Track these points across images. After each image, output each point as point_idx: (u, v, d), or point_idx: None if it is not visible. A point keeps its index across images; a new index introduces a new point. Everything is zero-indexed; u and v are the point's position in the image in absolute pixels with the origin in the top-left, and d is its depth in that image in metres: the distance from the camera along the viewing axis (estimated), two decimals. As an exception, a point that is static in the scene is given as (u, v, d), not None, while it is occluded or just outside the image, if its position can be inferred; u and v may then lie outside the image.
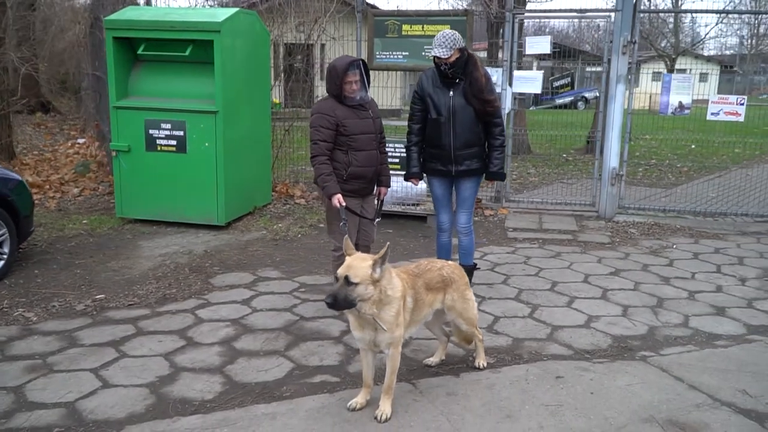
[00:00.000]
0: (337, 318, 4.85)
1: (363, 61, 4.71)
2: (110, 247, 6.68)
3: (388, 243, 3.28)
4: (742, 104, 7.74)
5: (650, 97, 11.76)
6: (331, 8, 8.74)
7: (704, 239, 7.43)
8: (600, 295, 5.47)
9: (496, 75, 8.24)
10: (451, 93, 4.84)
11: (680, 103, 7.89)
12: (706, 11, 12.07)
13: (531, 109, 15.09)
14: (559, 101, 19.37)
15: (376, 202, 5.05)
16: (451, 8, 9.99)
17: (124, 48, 7.26)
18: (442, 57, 4.76)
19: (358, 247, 4.93)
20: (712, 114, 7.84)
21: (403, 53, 8.36)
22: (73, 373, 3.90)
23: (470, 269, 5.21)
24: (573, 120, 16.42)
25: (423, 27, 8.30)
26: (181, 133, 7.12)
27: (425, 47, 8.29)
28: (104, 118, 9.76)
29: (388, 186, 5.08)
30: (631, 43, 7.78)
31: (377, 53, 8.51)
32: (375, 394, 3.56)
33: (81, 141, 12.76)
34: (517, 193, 9.17)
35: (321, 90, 9.50)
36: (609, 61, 8.00)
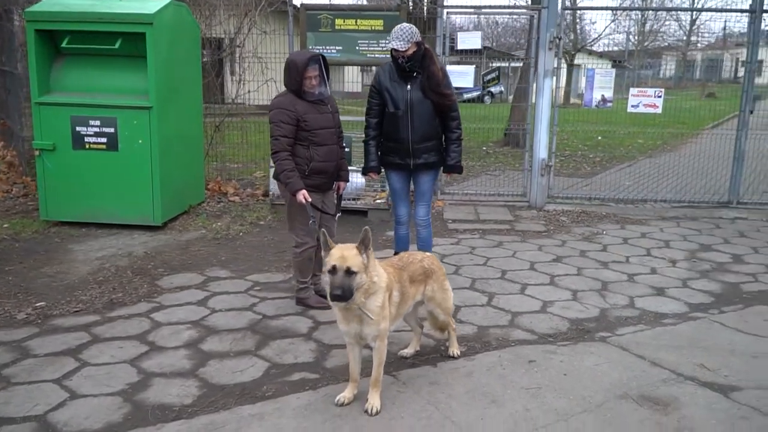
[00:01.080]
0: (303, 315, 4.81)
1: (322, 56, 4.67)
2: (39, 251, 6.29)
3: (366, 227, 3.27)
4: (660, 97, 8.23)
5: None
6: (262, 1, 8.56)
7: (629, 225, 7.85)
8: (549, 282, 5.68)
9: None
10: (409, 87, 4.88)
11: (603, 96, 8.30)
12: (630, 8, 12.71)
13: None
14: (467, 96, 19.83)
15: (335, 196, 5.03)
16: (384, 3, 9.98)
17: (44, 41, 6.83)
18: (400, 50, 4.79)
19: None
20: (633, 106, 8.30)
21: (337, 48, 8.31)
22: (35, 384, 3.67)
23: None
24: (486, 114, 16.90)
25: (356, 21, 8.30)
26: (112, 130, 6.79)
27: (359, 42, 8.30)
28: (15, 115, 9.16)
29: (347, 181, 5.08)
30: (557, 39, 8.10)
31: (310, 48, 8.42)
32: (361, 388, 3.56)
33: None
34: (449, 186, 9.34)
35: (230, 86, 9.31)
36: (536, 56, 8.29)
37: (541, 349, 4.26)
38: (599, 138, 15.70)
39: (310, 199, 4.49)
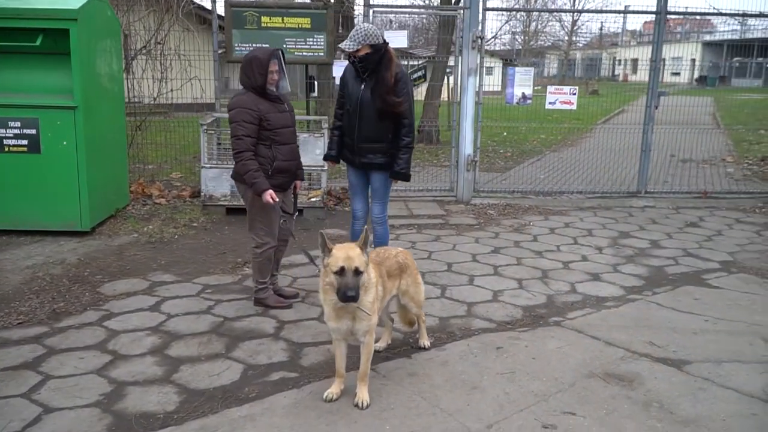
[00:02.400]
0: (264, 315, 4.78)
1: (281, 50, 4.66)
2: (-42, 262, 5.87)
3: (366, 227, 3.33)
4: (574, 94, 8.72)
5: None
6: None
7: (552, 216, 8.28)
8: (493, 272, 5.92)
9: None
10: (363, 87, 4.92)
11: (523, 93, 8.69)
12: (542, 10, 13.21)
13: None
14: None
15: (291, 195, 5.02)
16: (311, 1, 9.93)
17: (-49, 37, 6.35)
18: (347, 50, 4.82)
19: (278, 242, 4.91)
20: (550, 103, 8.75)
21: (264, 45, 8.22)
22: (3, 400, 3.46)
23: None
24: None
25: (283, 19, 8.25)
26: (34, 131, 6.40)
27: (286, 40, 8.26)
28: None
29: (303, 179, 5.08)
30: (480, 38, 8.40)
31: (236, 45, 8.30)
32: (345, 383, 3.61)
33: None
34: (376, 183, 9.44)
35: (151, 84, 9.00)
36: (461, 55, 8.55)
37: (505, 336, 4.46)
38: (504, 134, 16.34)
39: (278, 199, 4.48)
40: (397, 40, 8.49)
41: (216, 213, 7.71)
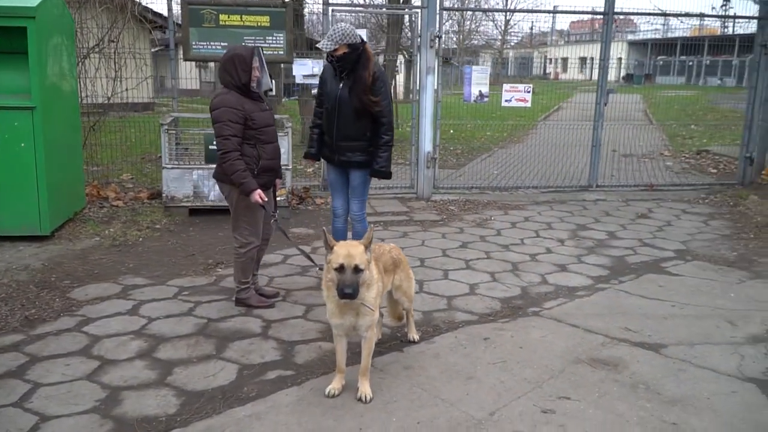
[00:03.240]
0: (248, 315, 4.77)
1: (260, 49, 4.66)
2: None
3: (371, 225, 3.38)
4: (529, 92, 8.97)
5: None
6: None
7: (511, 210, 8.51)
8: (465, 266, 6.06)
9: (316, 67, 8.46)
10: (341, 85, 4.95)
11: (480, 92, 8.88)
12: (496, 10, 13.44)
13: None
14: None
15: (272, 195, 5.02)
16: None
17: None
18: (325, 50, 4.85)
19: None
20: (506, 101, 8.97)
21: (222, 44, 8.14)
22: (-5, 412, 3.35)
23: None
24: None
25: (241, 17, 8.19)
26: (-12, 133, 6.16)
27: (245, 38, 8.19)
28: None
29: (282, 177, 5.09)
30: (437, 37, 8.53)
31: (193, 43, 8.18)
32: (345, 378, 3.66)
33: None
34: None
35: (104, 84, 8.79)
36: (419, 54, 8.67)
37: (489, 327, 4.59)
38: (451, 132, 16.59)
39: (266, 199, 4.48)
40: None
41: (179, 214, 7.58)
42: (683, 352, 4.19)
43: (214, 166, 4.75)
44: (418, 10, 8.66)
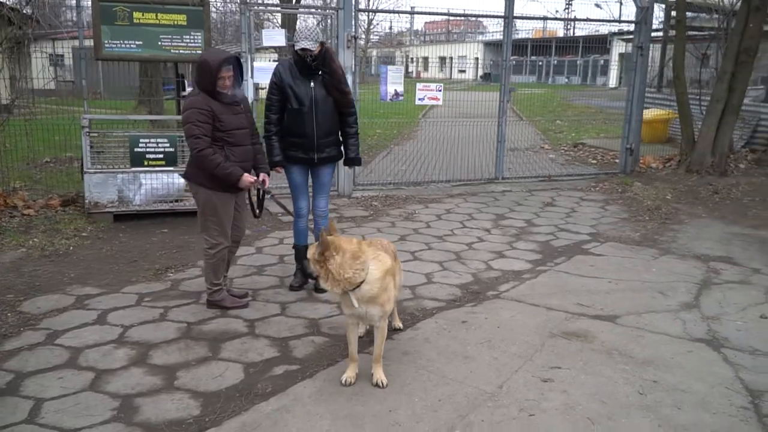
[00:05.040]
0: (226, 316, 4.78)
1: (237, 57, 4.65)
2: None
3: (333, 219, 3.56)
4: (440, 90, 9.42)
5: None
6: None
7: (430, 204, 8.91)
8: (413, 258, 6.35)
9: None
10: (312, 84, 5.05)
11: (395, 91, 9.21)
12: (407, 12, 13.62)
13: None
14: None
15: (253, 192, 5.04)
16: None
17: None
18: (311, 50, 4.93)
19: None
20: (419, 99, 9.37)
21: (137, 42, 7.86)
22: (8, 428, 3.19)
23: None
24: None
25: (157, 15, 7.93)
26: None
27: (161, 36, 7.95)
28: None
29: (269, 173, 5.08)
30: (354, 38, 8.75)
31: (105, 42, 7.82)
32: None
33: None
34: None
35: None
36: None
37: (462, 311, 4.91)
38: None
39: (252, 179, 4.65)
40: (276, 38, 8.58)
41: (103, 221, 7.25)
42: (635, 321, 4.74)
43: (140, 169, 4.73)
44: (335, 11, 8.82)
